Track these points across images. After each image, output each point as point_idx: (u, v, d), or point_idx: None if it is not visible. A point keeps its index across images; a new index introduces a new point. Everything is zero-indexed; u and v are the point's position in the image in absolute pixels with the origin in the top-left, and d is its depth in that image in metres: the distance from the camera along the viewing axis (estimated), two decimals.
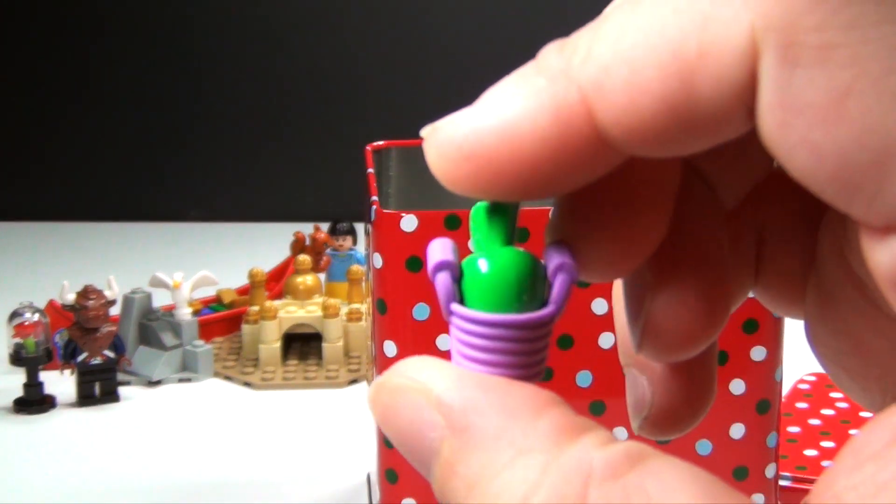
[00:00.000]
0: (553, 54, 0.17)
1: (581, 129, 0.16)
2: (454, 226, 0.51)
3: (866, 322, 0.20)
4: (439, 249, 0.18)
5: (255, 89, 1.88)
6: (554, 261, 0.18)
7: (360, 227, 1.08)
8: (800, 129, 0.15)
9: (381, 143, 0.65)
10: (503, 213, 0.18)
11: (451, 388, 0.16)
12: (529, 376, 0.17)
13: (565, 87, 0.16)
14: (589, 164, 0.17)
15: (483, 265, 0.17)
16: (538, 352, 0.17)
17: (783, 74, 0.15)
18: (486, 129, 0.16)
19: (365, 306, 1.00)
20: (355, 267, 1.04)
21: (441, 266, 0.17)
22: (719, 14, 0.15)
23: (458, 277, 0.17)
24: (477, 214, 0.18)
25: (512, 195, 0.17)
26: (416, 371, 0.17)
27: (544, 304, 0.17)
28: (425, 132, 0.18)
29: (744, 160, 0.21)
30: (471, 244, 0.18)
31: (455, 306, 0.17)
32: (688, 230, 0.20)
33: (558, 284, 0.17)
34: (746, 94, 0.15)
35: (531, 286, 0.17)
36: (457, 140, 0.17)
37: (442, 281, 0.17)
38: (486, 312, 0.17)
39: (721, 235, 0.21)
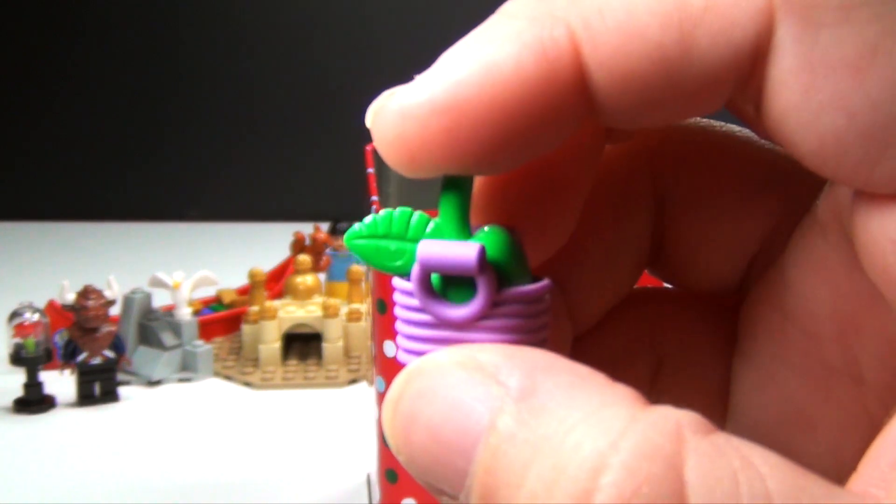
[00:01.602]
0: (526, 0, 0.16)
1: (567, 71, 0.15)
2: None
3: (809, 392, 0.19)
4: (448, 245, 0.16)
5: (256, 89, 1.88)
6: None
7: None
8: (829, 88, 0.14)
9: None
10: (462, 189, 0.16)
11: (511, 356, 0.15)
12: (543, 341, 0.17)
13: (551, 25, 0.15)
14: (564, 118, 0.15)
15: (492, 244, 0.16)
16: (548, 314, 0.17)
17: (807, 35, 0.14)
18: (463, 75, 0.15)
19: (365, 306, 1.00)
20: (355, 267, 1.04)
21: (485, 251, 0.16)
22: None
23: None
24: (376, 227, 0.17)
25: (482, 158, 0.15)
26: (461, 350, 0.15)
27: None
28: (376, 104, 0.16)
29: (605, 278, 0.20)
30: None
31: (510, 290, 0.16)
32: None
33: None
34: (743, 60, 0.15)
35: (525, 256, 0.17)
36: (427, 94, 0.15)
37: (491, 268, 0.16)
38: (534, 284, 0.16)
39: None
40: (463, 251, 0.15)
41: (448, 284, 0.16)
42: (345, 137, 1.25)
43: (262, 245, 1.43)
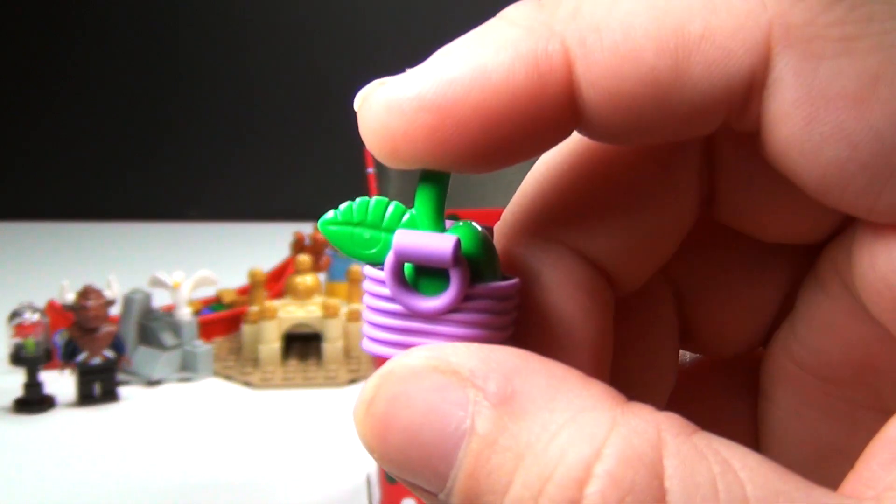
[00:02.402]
0: (528, 8, 0.16)
1: (557, 85, 0.15)
2: None
3: (836, 428, 0.19)
4: (424, 235, 0.16)
5: (256, 89, 1.88)
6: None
7: None
8: (831, 119, 0.14)
9: None
10: (439, 184, 0.16)
11: (485, 359, 0.14)
12: (508, 337, 0.17)
13: (547, 38, 0.15)
14: (550, 129, 0.16)
15: (467, 240, 0.16)
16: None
17: (808, 68, 0.14)
18: (454, 76, 0.15)
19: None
20: (355, 267, 1.04)
21: (460, 244, 0.16)
22: (734, 4, 0.15)
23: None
24: (351, 214, 0.17)
25: (464, 158, 0.15)
26: (429, 351, 0.15)
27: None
28: (365, 91, 0.16)
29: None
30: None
31: (481, 285, 0.16)
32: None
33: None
34: (735, 91, 0.15)
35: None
36: (416, 90, 0.15)
37: (464, 261, 0.16)
38: (503, 281, 0.16)
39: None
40: (439, 243, 0.15)
41: (420, 276, 0.16)
42: (345, 137, 1.25)
43: (262, 245, 1.43)
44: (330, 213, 0.17)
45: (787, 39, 0.14)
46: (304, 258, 1.03)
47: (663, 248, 0.19)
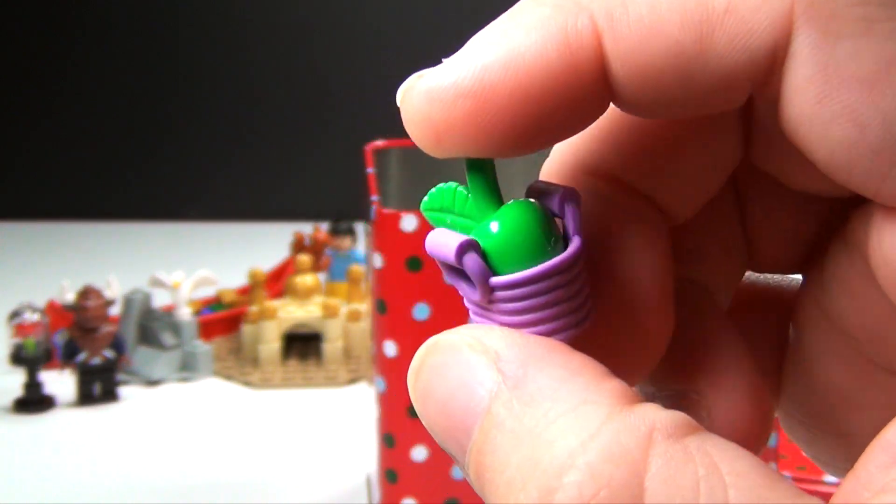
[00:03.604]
0: None
1: (589, 61, 0.15)
2: None
3: (853, 379, 0.19)
4: (446, 235, 0.16)
5: (256, 89, 1.88)
6: (555, 195, 0.17)
7: (360, 227, 1.08)
8: (842, 99, 0.14)
9: (381, 143, 0.65)
10: (484, 171, 0.17)
11: (511, 344, 0.15)
12: (586, 315, 0.17)
13: (576, 14, 0.15)
14: (585, 106, 0.16)
15: (498, 227, 0.16)
16: (585, 286, 0.17)
17: (825, 46, 0.14)
18: (489, 61, 0.15)
19: (365, 306, 1.00)
20: (355, 267, 1.04)
21: (465, 247, 0.16)
22: None
23: (481, 254, 0.16)
24: (439, 199, 0.17)
25: (505, 141, 0.16)
26: (471, 331, 0.16)
27: (566, 241, 0.17)
28: (406, 85, 0.16)
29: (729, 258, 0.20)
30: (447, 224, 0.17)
31: (495, 279, 0.16)
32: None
33: (571, 214, 0.17)
34: (759, 65, 0.15)
35: (549, 229, 0.17)
36: (453, 78, 0.15)
37: (473, 260, 0.16)
38: (526, 270, 0.16)
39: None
40: (447, 245, 0.16)
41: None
42: (345, 137, 1.25)
43: (262, 245, 1.43)
44: (427, 197, 0.17)
45: (807, 15, 0.14)
46: (304, 258, 1.03)
47: (709, 183, 0.19)
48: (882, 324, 0.17)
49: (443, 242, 0.16)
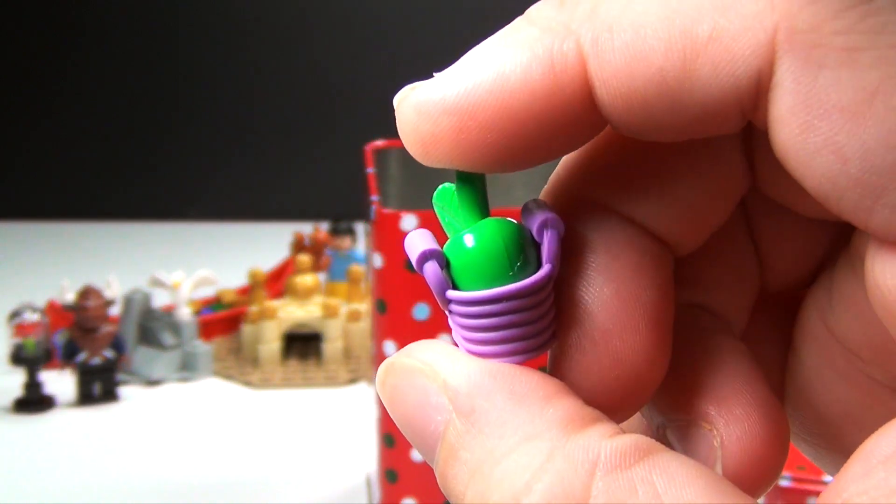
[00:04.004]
0: (548, 7, 0.16)
1: (573, 84, 0.15)
2: None
3: (855, 397, 0.19)
4: (419, 240, 0.17)
5: (256, 89, 1.88)
6: (537, 219, 0.17)
7: (360, 227, 1.08)
8: (824, 130, 0.14)
9: (381, 143, 0.65)
10: (472, 184, 0.17)
11: (459, 372, 0.16)
12: (544, 343, 0.17)
13: (563, 38, 0.15)
14: (574, 127, 0.16)
15: (469, 241, 0.16)
16: (546, 315, 0.17)
17: (808, 75, 0.14)
18: (475, 80, 0.15)
19: (365, 306, 1.00)
20: (355, 267, 1.04)
21: (426, 255, 0.16)
22: (742, 7, 0.15)
23: (445, 264, 0.17)
24: (442, 196, 0.17)
25: (490, 158, 0.16)
26: (424, 354, 0.16)
27: (538, 265, 0.17)
28: (400, 95, 0.17)
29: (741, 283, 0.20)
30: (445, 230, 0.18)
31: (451, 293, 0.16)
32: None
33: (548, 241, 0.17)
34: (744, 93, 0.15)
35: (521, 250, 0.16)
36: (441, 94, 0.16)
37: (431, 270, 0.16)
38: (485, 289, 0.16)
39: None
40: (415, 249, 0.17)
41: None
42: (345, 137, 1.25)
43: (262, 245, 1.43)
44: (439, 189, 0.18)
45: (790, 44, 0.14)
46: (304, 258, 1.03)
47: (714, 214, 0.19)
48: (885, 342, 0.17)
49: (413, 247, 0.17)
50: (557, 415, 0.15)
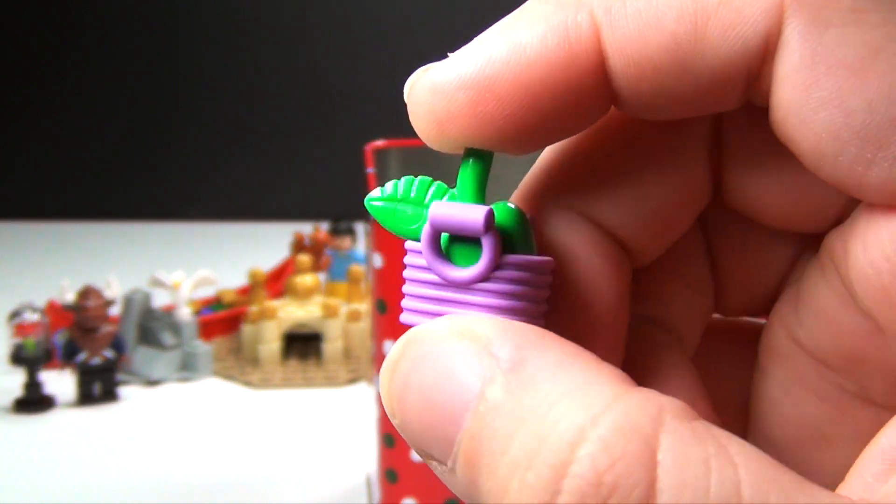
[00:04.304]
0: None
1: (588, 54, 0.16)
2: None
3: (825, 412, 0.19)
4: (461, 207, 0.16)
5: (256, 89, 1.88)
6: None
7: (360, 227, 1.08)
8: (829, 85, 0.15)
9: (381, 143, 0.65)
10: (481, 162, 0.17)
11: (504, 330, 0.15)
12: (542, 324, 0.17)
13: (575, 9, 0.16)
14: (585, 102, 0.16)
15: (500, 212, 0.17)
16: (546, 299, 0.17)
17: (814, 34, 0.15)
18: (491, 54, 0.16)
19: (365, 306, 1.00)
20: (355, 267, 1.04)
21: (492, 215, 0.16)
22: None
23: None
24: (408, 184, 0.17)
25: (506, 133, 0.16)
26: (458, 319, 0.16)
27: None
28: (412, 78, 0.17)
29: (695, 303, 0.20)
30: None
31: (514, 257, 0.16)
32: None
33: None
34: (752, 55, 0.15)
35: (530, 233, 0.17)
36: (456, 71, 0.16)
37: (495, 231, 0.16)
38: (536, 256, 0.16)
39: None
40: (471, 212, 0.16)
41: (455, 248, 0.17)
42: (345, 137, 1.25)
43: (262, 245, 1.43)
44: (376, 191, 0.18)
45: (797, 4, 0.15)
46: (304, 258, 1.03)
47: (676, 224, 0.19)
48: (859, 347, 0.18)
49: (459, 212, 0.16)
50: (612, 371, 0.15)
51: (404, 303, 0.17)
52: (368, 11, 1.86)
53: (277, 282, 1.15)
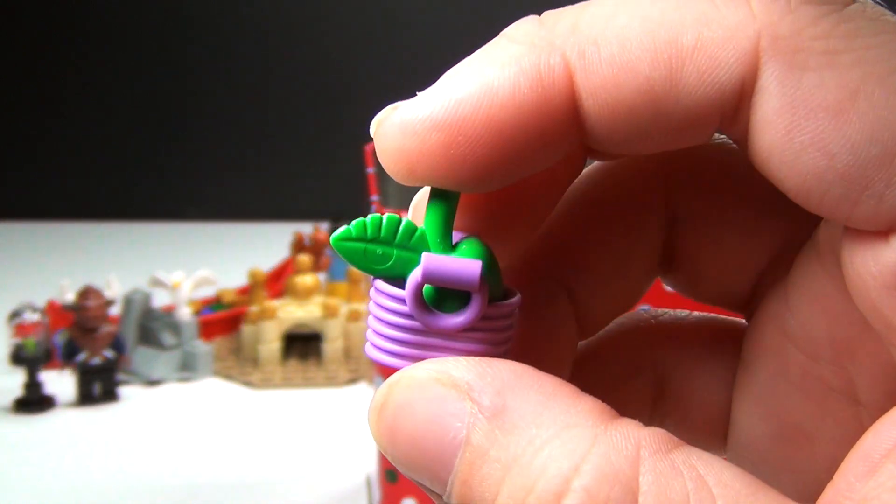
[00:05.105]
0: (529, 25, 0.16)
1: (560, 97, 0.16)
2: None
3: (809, 409, 0.19)
4: (454, 261, 0.16)
5: (255, 89, 1.88)
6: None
7: None
8: (810, 129, 0.15)
9: None
10: (448, 203, 0.17)
11: (483, 373, 0.15)
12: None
13: (548, 52, 0.16)
14: (556, 143, 0.16)
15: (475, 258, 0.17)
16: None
17: (792, 78, 0.15)
18: (462, 95, 0.16)
19: (365, 306, 1.00)
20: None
21: (483, 269, 0.16)
22: (725, 17, 0.15)
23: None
24: (374, 225, 0.17)
25: (475, 174, 0.16)
26: (433, 365, 0.16)
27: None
28: (380, 116, 0.17)
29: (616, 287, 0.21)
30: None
31: (502, 303, 0.17)
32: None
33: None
34: (727, 99, 0.15)
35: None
36: (427, 111, 0.16)
37: (484, 283, 0.16)
38: (512, 298, 0.17)
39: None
40: (467, 269, 0.16)
41: (438, 295, 0.17)
42: (345, 137, 1.25)
43: (262, 245, 1.43)
44: (342, 229, 0.18)
45: (773, 50, 0.15)
46: (304, 258, 1.03)
47: (625, 298, 0.21)
48: (852, 336, 0.18)
49: (457, 267, 0.16)
50: (591, 406, 0.15)
51: (371, 338, 0.17)
52: (369, 12, 1.86)
53: (277, 282, 1.15)
